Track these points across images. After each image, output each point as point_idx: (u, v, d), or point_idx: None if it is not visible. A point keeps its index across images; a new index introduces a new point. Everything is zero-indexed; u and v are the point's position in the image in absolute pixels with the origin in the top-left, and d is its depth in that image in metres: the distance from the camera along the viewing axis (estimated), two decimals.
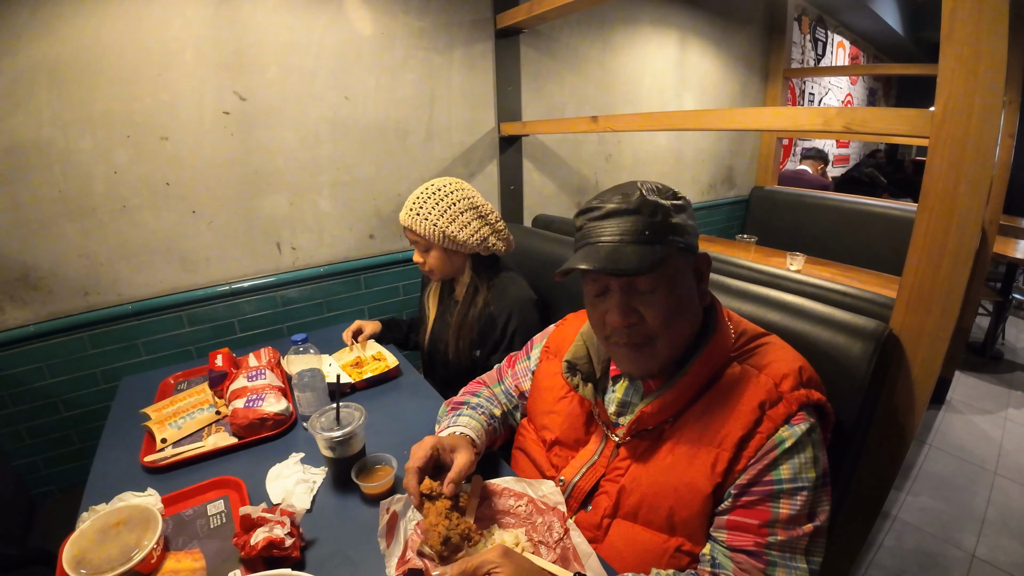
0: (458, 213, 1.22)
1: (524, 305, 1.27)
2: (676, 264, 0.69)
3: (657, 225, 0.67)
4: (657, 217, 0.67)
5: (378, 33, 1.62)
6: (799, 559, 0.64)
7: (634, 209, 0.67)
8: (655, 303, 0.69)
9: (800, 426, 0.67)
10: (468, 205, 1.24)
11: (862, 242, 2.49)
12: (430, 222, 1.21)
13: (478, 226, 1.24)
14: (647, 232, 0.67)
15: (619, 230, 0.68)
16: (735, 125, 1.17)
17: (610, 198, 0.70)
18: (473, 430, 0.87)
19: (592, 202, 0.72)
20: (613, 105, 2.32)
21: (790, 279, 1.16)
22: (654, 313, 0.69)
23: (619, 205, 0.68)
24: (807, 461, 0.66)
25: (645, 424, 0.74)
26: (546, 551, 0.73)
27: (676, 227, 0.69)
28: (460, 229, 1.22)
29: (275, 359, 1.29)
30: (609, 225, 0.69)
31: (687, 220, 0.71)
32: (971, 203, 0.75)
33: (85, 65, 1.24)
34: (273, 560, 0.72)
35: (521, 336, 1.23)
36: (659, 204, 0.68)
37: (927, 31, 4.64)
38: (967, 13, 0.71)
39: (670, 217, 0.68)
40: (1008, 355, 3.08)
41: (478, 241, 1.24)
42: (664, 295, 0.69)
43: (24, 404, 1.35)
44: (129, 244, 1.40)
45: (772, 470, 0.65)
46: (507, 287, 1.29)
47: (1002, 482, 1.99)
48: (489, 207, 1.28)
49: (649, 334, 0.71)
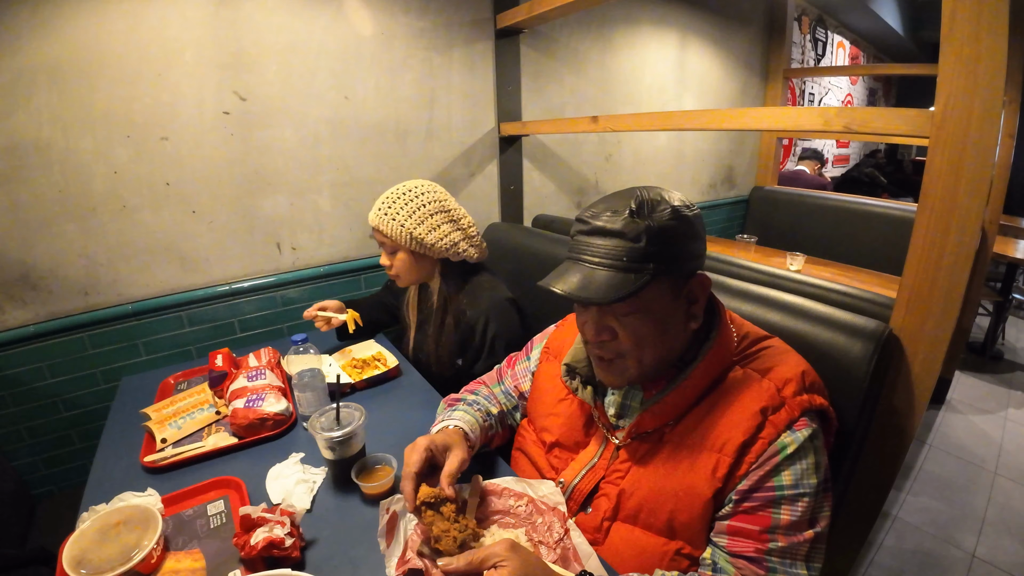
0: (428, 215, 1.19)
1: (499, 307, 1.23)
2: (657, 290, 0.67)
3: (637, 252, 0.64)
4: (640, 243, 0.64)
5: (378, 33, 1.62)
6: (799, 566, 0.64)
7: (617, 232, 0.65)
8: (628, 325, 0.69)
9: (802, 432, 0.66)
10: (439, 208, 1.20)
11: (862, 242, 2.49)
12: (398, 223, 1.18)
13: (448, 230, 1.21)
14: (625, 259, 0.64)
15: (599, 252, 0.66)
16: (735, 125, 1.17)
17: (602, 211, 0.68)
18: (467, 423, 0.87)
19: (587, 210, 0.70)
20: (613, 105, 2.32)
21: (790, 279, 1.16)
22: (626, 334, 0.69)
23: (605, 224, 0.66)
24: (809, 467, 0.65)
25: (645, 427, 0.74)
26: (546, 551, 0.73)
27: (661, 253, 0.65)
28: (429, 232, 1.19)
29: (275, 359, 1.28)
30: (591, 244, 0.68)
31: (682, 242, 0.67)
32: (971, 203, 0.75)
33: (85, 65, 1.24)
34: (273, 560, 0.72)
35: (501, 341, 1.20)
36: (648, 227, 0.64)
37: (927, 31, 4.64)
38: (967, 13, 0.71)
39: (656, 243, 0.64)
40: (1008, 355, 3.08)
41: (447, 246, 1.21)
42: (637, 320, 0.68)
43: (24, 404, 1.35)
44: (129, 244, 1.40)
45: (774, 476, 0.65)
46: (481, 291, 1.25)
47: (1002, 482, 1.99)
48: (462, 212, 1.25)
49: (619, 351, 0.71)
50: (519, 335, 1.24)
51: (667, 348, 0.72)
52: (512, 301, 1.26)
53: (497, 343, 1.21)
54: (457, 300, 1.25)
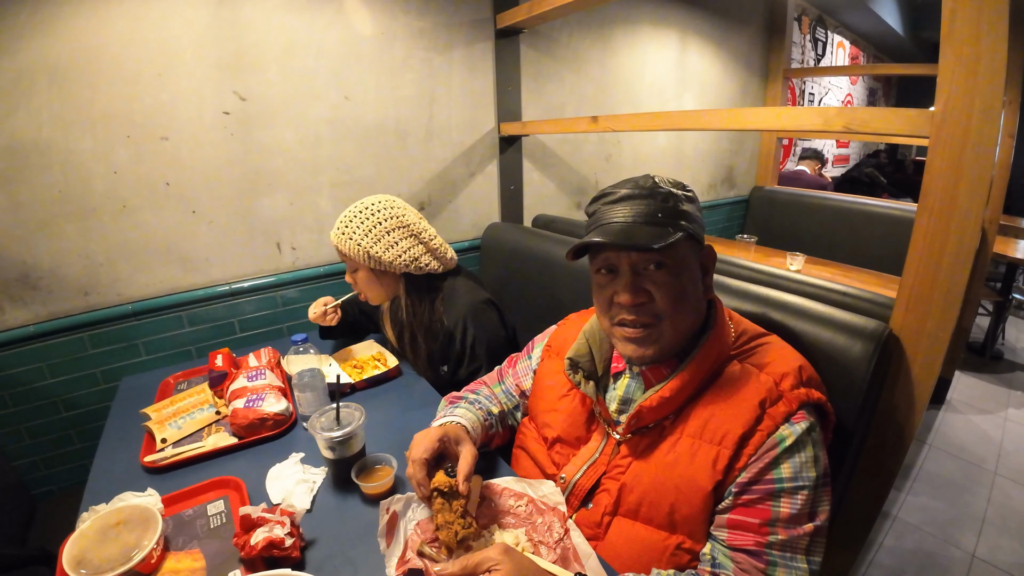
0: (384, 232, 1.17)
1: (475, 310, 1.21)
2: (685, 250, 0.72)
3: (669, 210, 0.70)
4: (669, 203, 0.71)
5: (378, 33, 1.62)
6: (799, 559, 0.64)
7: (647, 194, 0.71)
8: (664, 283, 0.70)
9: (800, 425, 0.67)
10: (397, 224, 1.18)
11: (862, 242, 2.49)
12: (354, 241, 1.16)
13: (408, 245, 1.19)
14: (660, 215, 0.70)
15: (632, 212, 0.71)
16: (735, 125, 1.17)
17: (623, 185, 0.73)
18: (468, 421, 0.87)
19: (605, 189, 0.75)
20: (613, 105, 2.32)
21: (790, 279, 1.16)
22: (663, 294, 0.70)
23: (632, 191, 0.72)
24: (808, 460, 0.66)
25: (645, 420, 0.75)
26: (546, 551, 0.73)
27: (687, 214, 0.72)
28: (386, 249, 1.17)
29: (275, 359, 1.29)
30: (622, 208, 0.72)
31: (696, 211, 0.75)
32: (971, 203, 0.75)
33: (85, 65, 1.24)
34: (273, 560, 0.72)
35: (482, 345, 1.19)
36: (671, 192, 0.72)
37: (927, 31, 4.64)
38: (967, 13, 0.71)
39: (681, 204, 0.72)
40: (1008, 355, 3.08)
41: (407, 261, 1.19)
42: (673, 277, 0.71)
43: (24, 404, 1.35)
44: (129, 244, 1.39)
45: (773, 469, 0.66)
46: (456, 297, 1.23)
47: (1002, 482, 1.99)
48: (422, 225, 1.23)
49: (657, 313, 0.72)
50: (499, 336, 1.23)
51: (694, 313, 0.74)
52: (489, 302, 1.25)
53: (477, 347, 1.20)
54: (431, 310, 1.24)
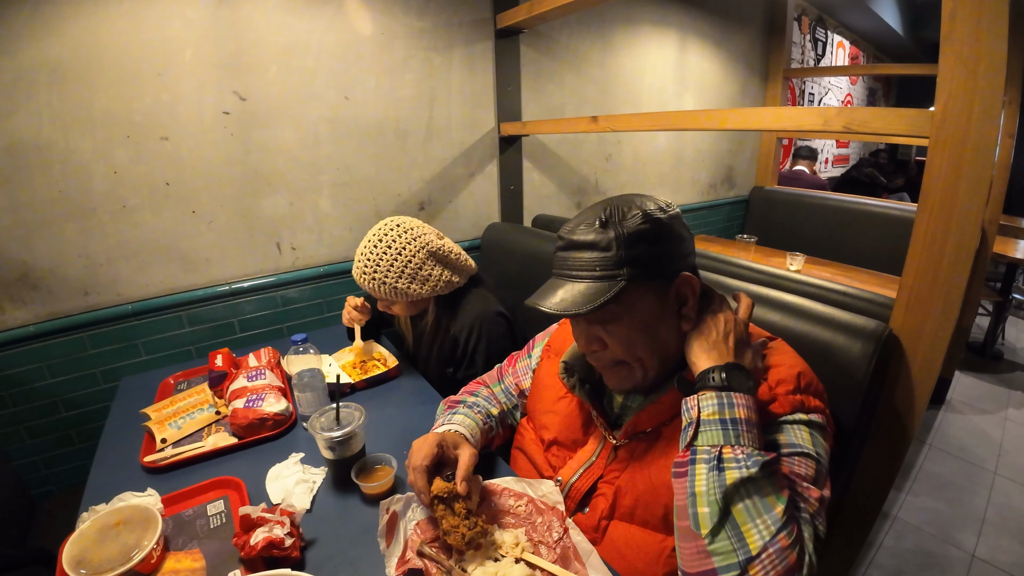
0: (416, 269, 1.15)
1: (485, 320, 1.21)
2: (637, 295, 0.68)
3: (609, 260, 0.66)
4: (611, 251, 0.66)
5: (378, 33, 1.62)
6: (806, 514, 0.60)
7: (589, 243, 0.68)
8: (614, 332, 0.70)
9: (795, 416, 0.66)
10: (424, 255, 1.15)
11: (862, 242, 2.49)
12: (388, 286, 1.14)
13: (440, 271, 1.18)
14: (598, 268, 0.67)
15: (576, 265, 0.69)
16: (735, 125, 1.17)
17: (576, 226, 0.70)
18: (467, 428, 0.87)
19: (565, 227, 0.73)
20: (613, 105, 2.32)
21: (790, 279, 1.16)
22: (614, 342, 0.70)
23: (579, 237, 0.69)
24: (804, 437, 0.65)
25: (643, 427, 0.75)
26: (546, 551, 0.73)
27: (634, 259, 0.66)
28: (421, 284, 1.16)
29: (275, 359, 1.28)
30: (569, 259, 0.70)
31: (657, 245, 0.68)
32: (971, 203, 0.75)
33: (85, 65, 1.24)
34: (273, 560, 0.72)
35: (482, 354, 1.19)
36: (617, 236, 0.66)
37: (927, 31, 4.64)
38: (967, 13, 0.71)
39: (627, 249, 0.66)
40: (1008, 355, 3.08)
41: (442, 286, 1.19)
42: (623, 327, 0.69)
43: (24, 404, 1.35)
44: (129, 244, 1.39)
45: (766, 442, 0.64)
46: (469, 307, 1.23)
47: (1002, 482, 1.99)
48: (444, 242, 1.21)
49: (614, 359, 0.72)
50: (504, 348, 1.22)
51: (663, 350, 0.72)
52: (502, 315, 1.24)
53: (478, 355, 1.20)
54: (453, 320, 1.24)
